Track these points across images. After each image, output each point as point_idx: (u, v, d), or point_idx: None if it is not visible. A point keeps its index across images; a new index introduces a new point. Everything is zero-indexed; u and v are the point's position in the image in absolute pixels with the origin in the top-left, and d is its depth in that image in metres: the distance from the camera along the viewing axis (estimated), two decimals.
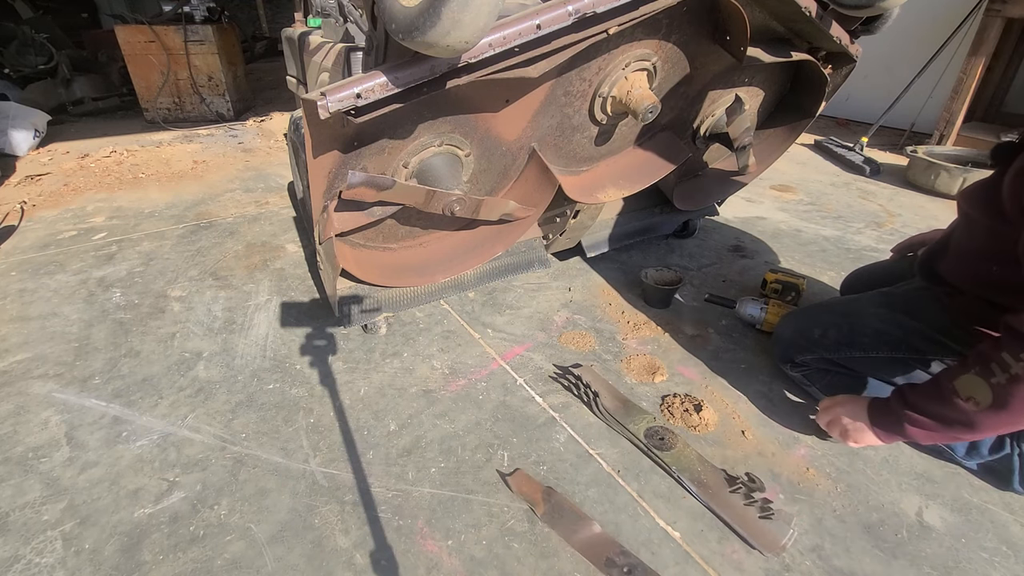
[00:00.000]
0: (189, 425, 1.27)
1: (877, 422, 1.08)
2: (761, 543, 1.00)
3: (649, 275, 1.74)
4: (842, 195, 2.77)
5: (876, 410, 1.09)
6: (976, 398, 0.90)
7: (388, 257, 1.49)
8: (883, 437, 1.08)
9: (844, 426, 1.12)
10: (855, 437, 1.11)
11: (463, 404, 1.34)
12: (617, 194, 1.52)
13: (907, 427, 1.01)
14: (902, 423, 1.02)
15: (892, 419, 1.05)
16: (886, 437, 1.08)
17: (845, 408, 1.14)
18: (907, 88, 3.23)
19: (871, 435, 1.09)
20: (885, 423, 1.06)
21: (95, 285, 1.84)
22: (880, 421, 1.07)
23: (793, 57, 1.39)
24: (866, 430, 1.09)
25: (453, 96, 1.12)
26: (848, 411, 1.13)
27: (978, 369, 0.90)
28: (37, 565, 0.96)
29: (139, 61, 3.83)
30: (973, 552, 1.01)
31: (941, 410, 0.96)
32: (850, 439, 1.12)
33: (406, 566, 0.97)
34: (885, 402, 1.08)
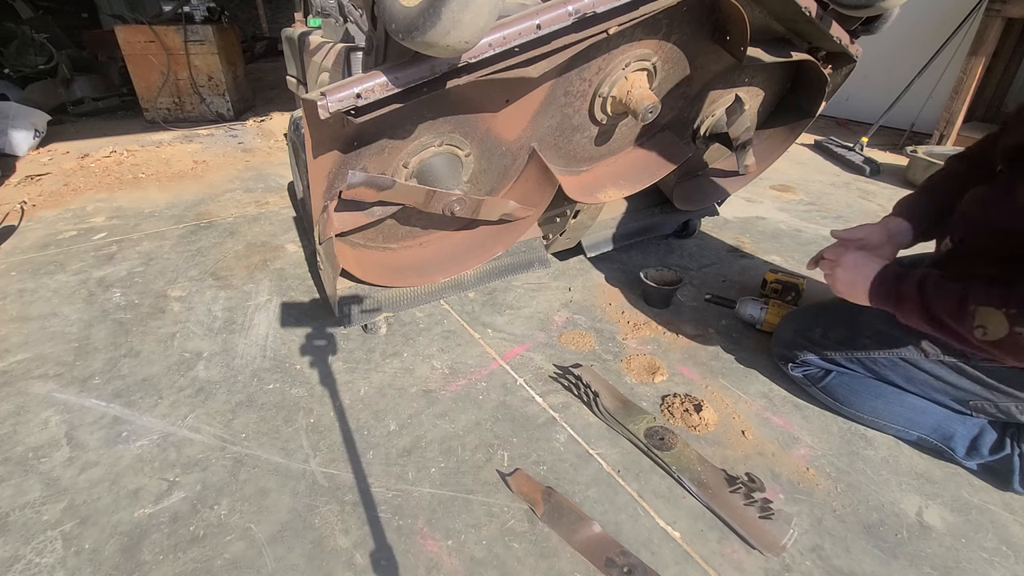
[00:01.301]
0: (189, 425, 1.27)
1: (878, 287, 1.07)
2: (761, 543, 1.00)
3: (649, 275, 1.74)
4: (842, 195, 2.77)
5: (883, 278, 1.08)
6: (987, 329, 0.90)
7: (388, 257, 1.50)
8: (874, 301, 1.08)
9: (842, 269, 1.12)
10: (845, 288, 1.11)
11: (463, 404, 1.34)
12: (617, 194, 1.52)
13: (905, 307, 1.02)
14: (903, 303, 1.02)
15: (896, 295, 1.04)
16: (877, 302, 1.07)
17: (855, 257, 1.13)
18: (907, 88, 3.23)
19: (863, 293, 1.08)
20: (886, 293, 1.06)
21: (95, 285, 1.84)
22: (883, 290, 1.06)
23: (793, 57, 1.39)
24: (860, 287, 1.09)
25: (453, 96, 1.12)
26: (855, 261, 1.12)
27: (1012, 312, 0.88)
28: (37, 565, 0.96)
29: (139, 61, 3.83)
30: (973, 552, 1.01)
31: (947, 319, 0.96)
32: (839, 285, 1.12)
33: (406, 566, 0.97)
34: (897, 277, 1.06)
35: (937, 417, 1.19)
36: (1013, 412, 1.10)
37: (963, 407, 1.17)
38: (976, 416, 1.17)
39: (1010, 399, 1.09)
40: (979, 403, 1.14)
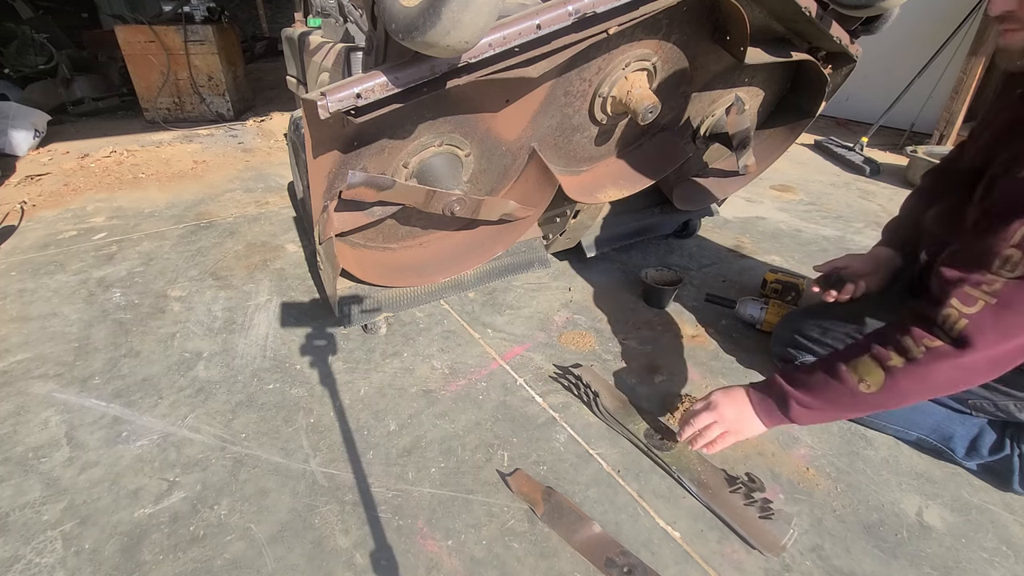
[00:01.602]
0: (189, 425, 1.27)
1: (760, 406, 1.05)
2: (761, 543, 1.00)
3: (649, 275, 1.74)
4: (842, 195, 2.77)
5: (758, 393, 1.06)
6: (868, 381, 0.90)
7: (388, 257, 1.49)
8: (767, 421, 1.05)
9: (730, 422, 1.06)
10: (741, 431, 1.06)
11: (463, 404, 1.34)
12: (617, 194, 1.52)
13: (792, 405, 0.99)
14: (787, 401, 1.00)
15: (775, 397, 1.03)
16: (769, 420, 1.04)
17: (723, 401, 1.08)
18: (907, 88, 3.23)
19: (757, 423, 1.05)
20: (770, 406, 1.03)
21: (95, 285, 1.84)
22: (764, 404, 1.04)
23: (793, 57, 1.39)
24: (753, 418, 1.05)
25: (453, 96, 1.12)
26: (728, 402, 1.08)
27: (874, 353, 0.91)
28: (37, 565, 0.96)
29: (139, 61, 3.83)
30: (973, 552, 1.01)
31: (829, 392, 0.95)
32: (735, 436, 1.07)
33: (406, 566, 0.97)
34: (767, 385, 1.06)
35: (936, 417, 1.19)
36: (1012, 410, 1.10)
37: (962, 405, 1.17)
38: (975, 415, 1.17)
39: (1008, 398, 1.09)
40: (978, 401, 1.14)
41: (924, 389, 0.88)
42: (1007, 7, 0.88)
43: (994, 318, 0.79)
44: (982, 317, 0.80)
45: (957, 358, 0.82)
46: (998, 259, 0.80)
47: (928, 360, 0.84)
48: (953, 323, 0.82)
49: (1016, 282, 0.78)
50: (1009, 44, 0.92)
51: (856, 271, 1.34)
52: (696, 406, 1.12)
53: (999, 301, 0.79)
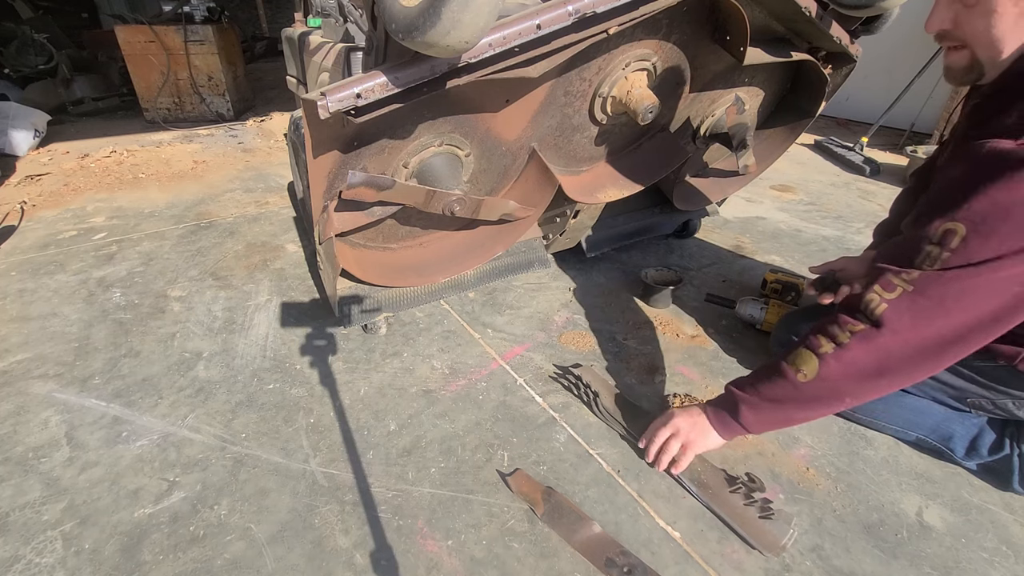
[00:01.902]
0: (189, 425, 1.27)
1: (714, 416, 1.08)
2: (761, 543, 1.00)
3: (649, 275, 1.74)
4: (842, 195, 2.77)
5: (712, 404, 1.10)
6: (804, 370, 0.93)
7: (388, 257, 1.49)
8: (723, 431, 1.08)
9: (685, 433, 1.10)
10: (697, 441, 1.09)
11: (463, 404, 1.34)
12: (617, 194, 1.52)
13: (742, 410, 1.03)
14: (737, 407, 1.03)
15: (727, 406, 1.06)
16: (725, 431, 1.07)
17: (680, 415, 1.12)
18: (907, 88, 3.23)
19: (713, 434, 1.08)
20: (723, 415, 1.07)
21: (95, 285, 1.84)
22: (717, 414, 1.08)
23: (793, 57, 1.39)
24: (709, 429, 1.08)
25: (453, 96, 1.12)
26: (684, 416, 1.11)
27: (808, 342, 0.95)
28: (37, 565, 0.96)
29: (139, 61, 3.83)
30: (973, 552, 1.01)
31: (771, 387, 0.99)
32: (694, 447, 1.09)
33: (406, 566, 0.97)
34: (721, 395, 1.10)
35: (936, 418, 1.19)
36: (1011, 408, 1.10)
37: (961, 404, 1.17)
38: (975, 413, 1.17)
39: (1006, 396, 1.09)
40: (977, 400, 1.14)
41: (854, 375, 0.90)
42: (942, 26, 0.89)
43: (909, 303, 0.84)
44: (899, 302, 0.85)
45: (877, 339, 0.87)
46: (920, 254, 0.85)
47: (853, 344, 0.89)
48: (874, 308, 0.87)
49: (933, 273, 0.83)
50: (952, 63, 0.93)
51: (851, 273, 1.36)
52: (654, 424, 1.16)
53: (915, 289, 0.84)
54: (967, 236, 0.80)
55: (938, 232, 0.83)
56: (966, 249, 0.80)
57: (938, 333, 0.84)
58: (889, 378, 0.89)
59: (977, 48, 0.87)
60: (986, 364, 1.08)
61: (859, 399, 0.93)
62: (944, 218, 0.83)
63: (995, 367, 1.07)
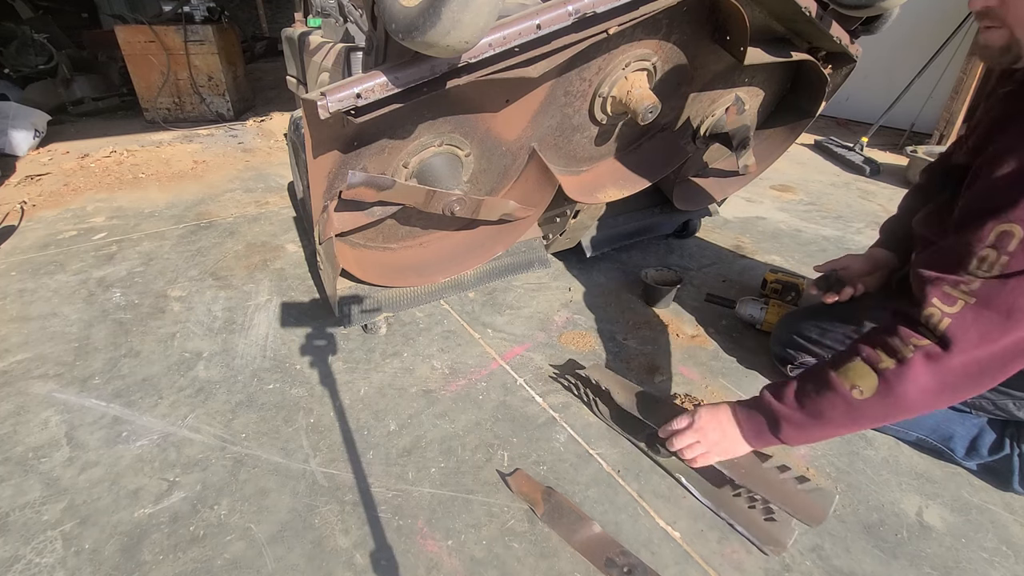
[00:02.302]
0: (189, 425, 1.27)
1: (748, 426, 1.00)
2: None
3: (649, 275, 1.74)
4: (842, 195, 2.77)
5: (745, 412, 1.01)
6: (860, 386, 0.86)
7: (388, 257, 1.49)
8: (755, 443, 1.00)
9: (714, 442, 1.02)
10: (726, 450, 1.02)
11: (463, 404, 1.34)
12: (617, 194, 1.52)
13: (784, 428, 0.94)
14: (779, 424, 0.95)
15: (765, 420, 0.97)
16: (758, 442, 0.99)
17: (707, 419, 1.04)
18: (907, 88, 3.23)
19: (743, 445, 1.00)
20: (758, 426, 0.98)
21: (95, 285, 1.84)
22: (752, 424, 0.99)
23: (793, 57, 1.39)
24: (739, 440, 1.00)
25: (453, 96, 1.12)
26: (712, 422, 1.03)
27: (865, 355, 0.87)
28: (37, 565, 0.96)
29: (139, 61, 3.83)
30: (973, 552, 1.01)
31: (821, 404, 0.90)
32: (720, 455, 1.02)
33: (406, 566, 0.97)
34: (755, 403, 1.00)
35: (936, 418, 1.19)
36: (1011, 409, 1.10)
37: (962, 404, 1.17)
38: (975, 413, 1.17)
39: (1007, 397, 1.09)
40: (976, 400, 1.14)
41: (915, 393, 0.83)
42: (987, 3, 0.86)
43: (974, 316, 0.78)
44: (963, 316, 0.79)
45: (943, 358, 0.80)
46: (975, 259, 0.79)
47: (916, 360, 0.82)
48: (936, 323, 0.80)
49: (993, 281, 0.77)
50: (989, 42, 0.89)
51: (854, 272, 1.35)
52: (680, 423, 1.07)
53: (978, 301, 0.78)
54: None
55: (991, 235, 0.77)
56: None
57: (1005, 347, 0.78)
58: (950, 396, 0.83)
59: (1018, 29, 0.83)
60: None
61: (913, 415, 0.87)
62: (997, 219, 0.77)
63: None
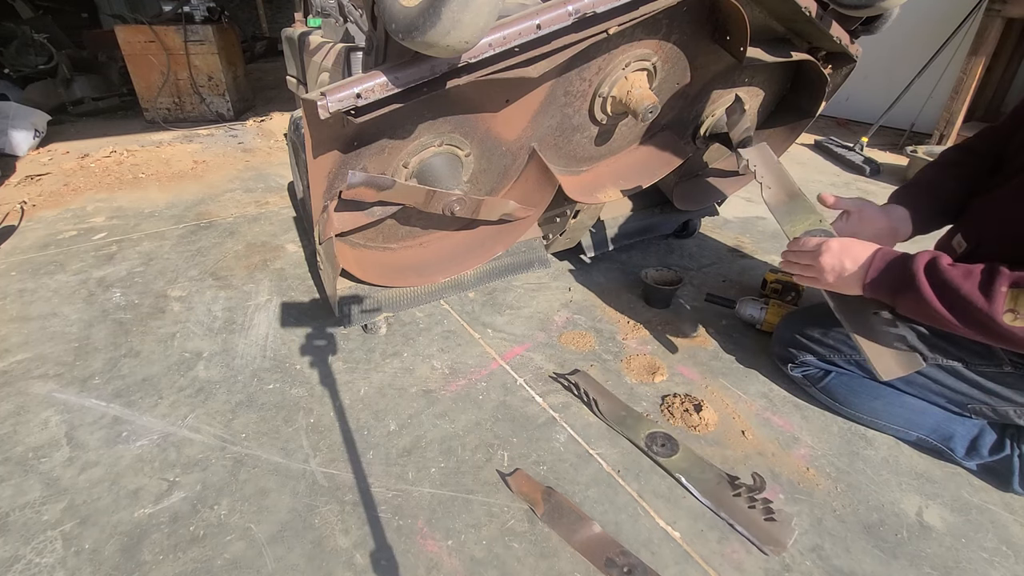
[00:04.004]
0: (189, 425, 1.27)
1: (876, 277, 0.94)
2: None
3: (649, 275, 1.74)
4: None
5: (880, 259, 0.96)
6: (1020, 312, 0.80)
7: (388, 257, 1.49)
8: (871, 292, 0.95)
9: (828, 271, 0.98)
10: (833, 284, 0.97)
11: (463, 404, 1.34)
12: (617, 194, 1.52)
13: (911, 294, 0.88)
14: (909, 288, 0.89)
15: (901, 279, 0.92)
16: (874, 292, 0.94)
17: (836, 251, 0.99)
18: (907, 88, 3.23)
19: (857, 284, 0.96)
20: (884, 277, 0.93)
21: (95, 285, 1.84)
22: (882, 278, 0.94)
23: (793, 57, 1.39)
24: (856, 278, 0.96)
25: (453, 96, 1.12)
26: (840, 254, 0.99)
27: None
28: (37, 565, 0.96)
29: (139, 61, 3.83)
30: (973, 552, 1.01)
31: (969, 302, 0.85)
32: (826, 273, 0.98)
33: (406, 566, 0.97)
34: (899, 260, 0.95)
35: (936, 418, 1.19)
36: (1011, 416, 1.10)
37: (961, 410, 1.17)
38: (975, 418, 1.17)
39: (1008, 404, 1.09)
40: (977, 406, 1.14)
41: None
42: None
43: None
44: None
45: None
46: None
47: None
48: None
49: None
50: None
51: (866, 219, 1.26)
52: (808, 244, 1.05)
53: None
54: None
55: None
56: None
57: None
58: None
59: None
60: (992, 369, 1.08)
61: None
62: None
63: (1000, 373, 1.06)
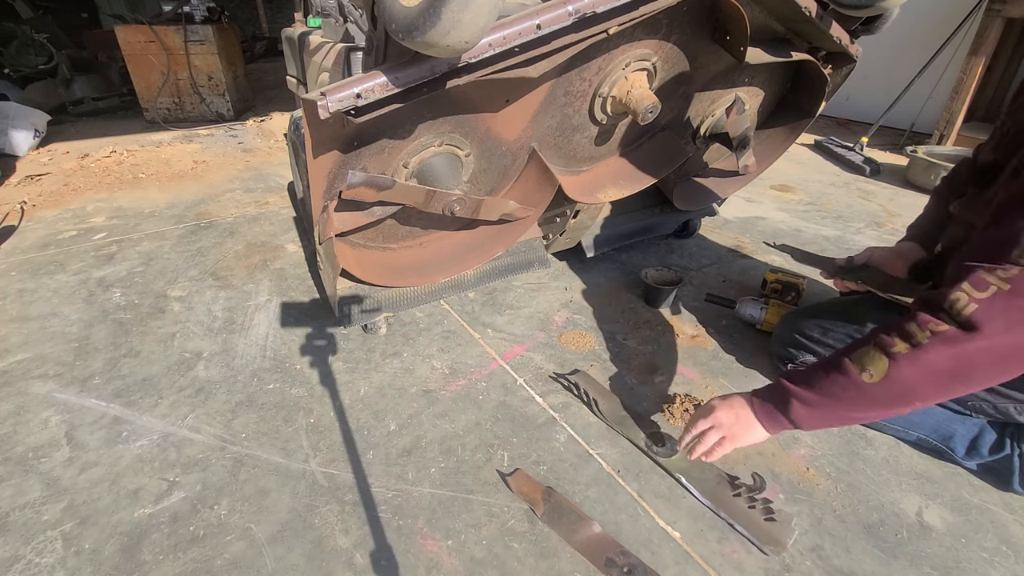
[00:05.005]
0: (189, 425, 1.27)
1: (761, 409, 1.00)
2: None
3: (649, 275, 1.74)
4: (842, 195, 2.77)
5: (759, 396, 1.02)
6: (871, 369, 0.85)
7: (388, 257, 1.49)
8: (769, 426, 0.99)
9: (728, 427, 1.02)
10: (740, 436, 1.01)
11: (463, 404, 1.34)
12: (617, 194, 1.52)
13: (794, 405, 0.94)
14: (789, 402, 0.95)
15: (776, 400, 0.98)
16: (772, 425, 0.99)
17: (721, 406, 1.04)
18: (907, 88, 3.23)
19: (758, 428, 1.00)
20: (769, 408, 0.99)
21: (95, 285, 1.84)
22: (765, 407, 1.00)
23: (793, 57, 1.39)
24: (754, 423, 1.00)
25: (453, 96, 1.12)
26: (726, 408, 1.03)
27: (879, 341, 0.86)
28: (37, 565, 0.96)
29: (139, 61, 3.83)
30: (973, 552, 1.01)
31: (830, 384, 0.90)
32: (735, 441, 1.02)
33: (406, 566, 0.97)
34: (770, 388, 1.02)
35: (936, 418, 1.19)
36: (1011, 413, 1.10)
37: (962, 407, 1.17)
38: (975, 416, 1.17)
39: (1008, 400, 1.09)
40: (977, 403, 1.14)
41: (927, 379, 0.82)
42: None
43: (1004, 304, 0.75)
44: (992, 302, 0.76)
45: (962, 343, 0.77)
46: (1017, 248, 0.76)
47: (932, 345, 0.79)
48: (961, 308, 0.78)
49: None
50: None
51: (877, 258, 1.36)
52: (695, 414, 1.09)
53: (1012, 288, 0.75)
54: None
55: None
56: None
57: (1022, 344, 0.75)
58: (965, 384, 0.81)
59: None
60: None
61: (927, 403, 0.86)
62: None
63: None
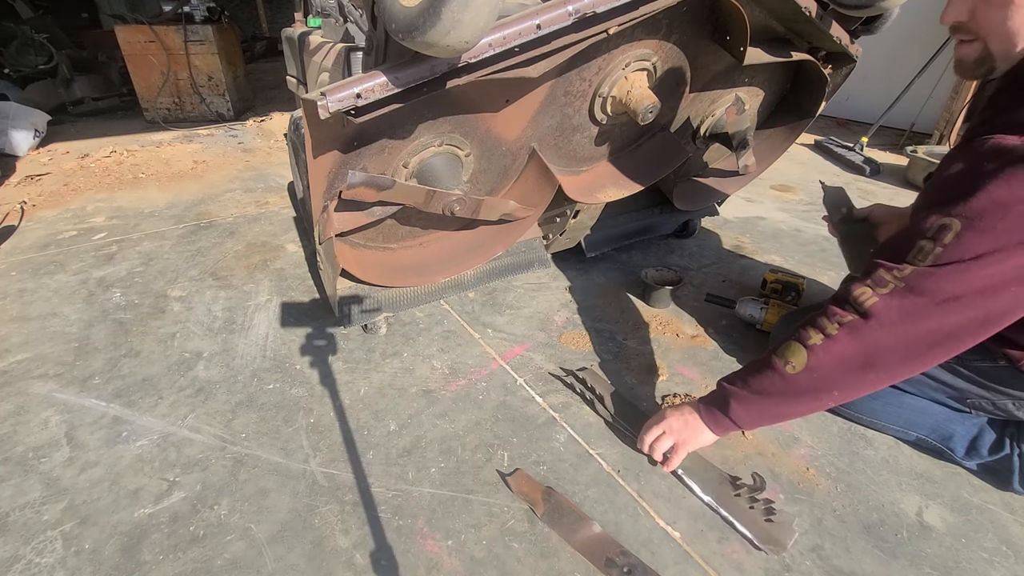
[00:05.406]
0: (189, 425, 1.27)
1: (706, 413, 1.07)
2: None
3: (649, 275, 1.74)
4: None
5: (704, 401, 1.09)
6: (793, 362, 0.93)
7: (388, 257, 1.50)
8: (714, 428, 1.07)
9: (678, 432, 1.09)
10: (690, 440, 1.09)
11: (463, 404, 1.34)
12: (617, 194, 1.52)
13: (732, 405, 1.02)
14: (727, 402, 1.03)
15: (717, 402, 1.06)
16: (716, 427, 1.07)
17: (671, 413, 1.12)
18: (907, 88, 3.23)
19: (706, 432, 1.08)
20: (713, 411, 1.06)
21: (95, 285, 1.84)
22: (709, 411, 1.07)
23: (793, 57, 1.39)
24: (701, 427, 1.08)
25: (453, 96, 1.12)
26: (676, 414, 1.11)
27: (797, 335, 0.94)
28: (37, 565, 0.96)
29: (139, 61, 3.83)
30: (973, 552, 1.01)
31: (760, 380, 0.98)
32: (686, 445, 1.09)
33: (406, 566, 0.97)
34: (714, 391, 1.09)
35: (936, 418, 1.19)
36: (1011, 409, 1.10)
37: (961, 405, 1.17)
38: (975, 414, 1.17)
39: (1006, 397, 1.09)
40: (976, 401, 1.14)
41: (841, 367, 0.90)
42: (958, 17, 0.87)
43: (899, 299, 0.84)
44: (889, 298, 0.85)
45: (865, 331, 0.86)
46: (913, 248, 0.84)
47: (841, 335, 0.89)
48: (863, 300, 0.87)
49: (924, 269, 0.82)
50: (963, 56, 0.91)
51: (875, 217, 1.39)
52: (648, 422, 1.16)
53: (906, 285, 0.83)
54: (961, 232, 0.78)
55: (933, 227, 0.82)
56: (959, 245, 0.78)
57: (928, 330, 0.83)
58: (877, 372, 0.88)
59: (991, 41, 0.85)
60: (987, 364, 1.08)
61: (848, 393, 0.93)
62: (940, 213, 0.81)
63: (996, 367, 1.07)
